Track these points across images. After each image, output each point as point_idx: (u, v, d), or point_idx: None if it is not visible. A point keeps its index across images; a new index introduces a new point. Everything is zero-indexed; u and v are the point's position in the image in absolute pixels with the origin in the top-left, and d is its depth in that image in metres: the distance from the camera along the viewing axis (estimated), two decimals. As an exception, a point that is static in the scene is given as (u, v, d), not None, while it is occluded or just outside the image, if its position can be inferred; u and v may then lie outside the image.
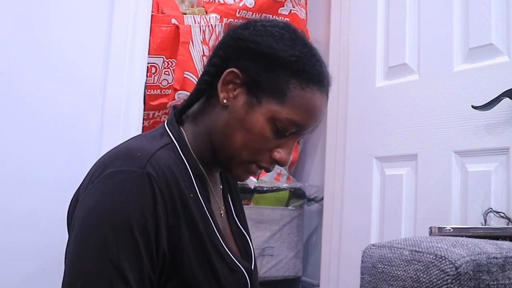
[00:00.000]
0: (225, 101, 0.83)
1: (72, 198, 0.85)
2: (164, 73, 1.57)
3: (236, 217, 0.98)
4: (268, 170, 0.87)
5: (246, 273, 0.88)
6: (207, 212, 0.82)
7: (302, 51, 0.82)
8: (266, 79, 0.81)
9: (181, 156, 0.83)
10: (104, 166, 0.76)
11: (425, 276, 0.61)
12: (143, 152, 0.77)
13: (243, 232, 0.98)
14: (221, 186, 0.97)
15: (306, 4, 2.06)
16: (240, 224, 0.98)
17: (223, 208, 0.95)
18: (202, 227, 0.79)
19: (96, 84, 1.44)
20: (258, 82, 0.81)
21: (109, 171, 0.74)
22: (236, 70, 0.82)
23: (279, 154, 0.83)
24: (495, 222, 1.15)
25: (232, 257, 0.84)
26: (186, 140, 0.87)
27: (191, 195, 0.80)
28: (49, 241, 1.30)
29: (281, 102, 0.80)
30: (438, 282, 0.60)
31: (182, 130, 0.88)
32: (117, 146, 0.85)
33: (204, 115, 0.87)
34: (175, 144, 0.84)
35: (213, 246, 0.81)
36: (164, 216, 0.74)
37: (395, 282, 0.64)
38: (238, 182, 1.06)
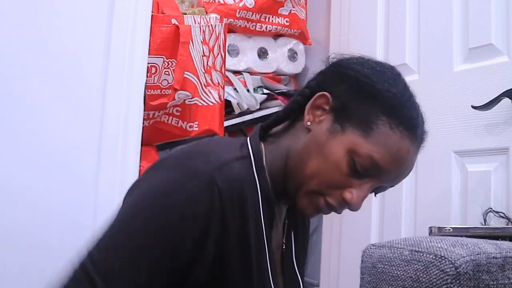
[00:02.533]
0: (308, 123, 0.79)
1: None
2: (164, 73, 1.57)
3: (295, 257, 0.92)
4: (336, 211, 0.79)
5: None
6: (265, 237, 0.78)
7: (400, 91, 0.78)
8: (356, 108, 0.76)
9: (253, 174, 0.78)
10: (177, 156, 0.76)
11: (425, 276, 0.61)
12: (218, 158, 0.74)
13: (296, 273, 0.91)
14: (285, 221, 0.90)
15: (306, 4, 2.06)
16: (297, 264, 0.92)
17: (284, 241, 0.89)
18: (254, 253, 0.75)
19: (96, 84, 1.44)
20: (346, 109, 0.77)
21: (179, 161, 0.74)
22: (327, 94, 0.78)
23: (350, 194, 0.76)
24: (495, 222, 1.15)
25: (273, 285, 0.80)
26: (264, 160, 0.81)
27: (255, 215, 0.75)
28: (49, 241, 1.30)
29: (365, 135, 0.74)
30: (438, 282, 0.60)
31: (263, 147, 0.83)
32: (195, 143, 0.83)
33: (286, 136, 0.83)
34: (251, 160, 0.79)
35: (259, 275, 0.76)
36: (216, 228, 0.70)
37: (395, 282, 0.64)
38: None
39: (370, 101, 0.76)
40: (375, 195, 0.83)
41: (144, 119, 1.55)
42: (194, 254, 0.70)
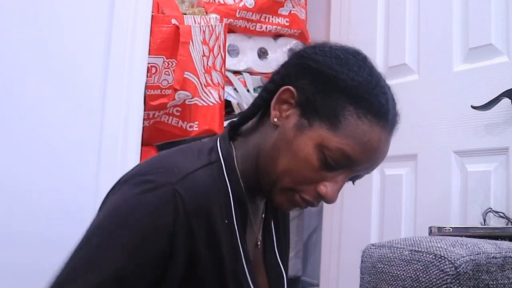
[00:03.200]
0: (275, 119, 0.77)
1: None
2: (164, 73, 1.57)
3: (277, 249, 0.92)
4: (312, 205, 0.79)
5: None
6: (239, 242, 0.77)
7: (366, 78, 0.75)
8: (321, 101, 0.74)
9: (224, 178, 0.78)
10: (141, 172, 0.76)
11: (424, 275, 0.61)
12: (181, 169, 0.73)
13: (279, 267, 0.91)
14: (263, 215, 0.90)
15: (306, 4, 2.06)
16: (280, 257, 0.92)
17: (261, 238, 0.89)
18: (227, 258, 0.75)
19: (96, 84, 1.44)
20: (312, 103, 0.75)
21: (142, 178, 0.74)
22: (292, 89, 0.77)
23: (324, 188, 0.75)
24: (495, 222, 1.15)
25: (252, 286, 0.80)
26: (235, 160, 0.81)
27: (226, 221, 0.75)
28: (50, 241, 1.30)
29: (333, 129, 0.73)
30: (438, 281, 0.60)
31: (233, 147, 0.83)
32: (161, 154, 0.84)
33: (256, 134, 0.82)
34: (221, 163, 0.78)
35: (235, 277, 0.76)
36: (183, 239, 0.70)
37: (395, 282, 0.64)
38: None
39: (335, 92, 0.74)
40: (353, 183, 0.82)
41: (144, 119, 1.55)
42: (161, 267, 0.70)
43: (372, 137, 0.74)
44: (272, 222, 0.93)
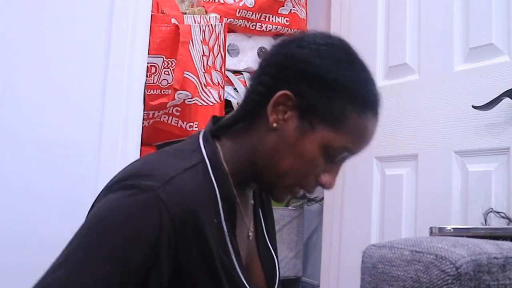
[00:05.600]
0: (275, 124, 0.78)
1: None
2: (164, 73, 1.57)
3: (267, 235, 0.94)
4: (310, 193, 0.83)
5: None
6: (228, 239, 0.78)
7: (360, 76, 0.79)
8: (323, 104, 0.76)
9: (210, 178, 0.78)
10: (124, 177, 0.75)
11: (425, 276, 0.61)
12: (163, 174, 0.73)
13: (271, 254, 0.93)
14: (252, 202, 0.91)
15: (306, 4, 2.06)
16: (270, 243, 0.94)
17: (252, 229, 0.90)
18: (217, 257, 0.75)
19: (96, 84, 1.44)
20: (313, 107, 0.77)
21: (124, 183, 0.74)
22: (289, 93, 0.77)
23: (325, 178, 0.80)
24: (496, 222, 1.15)
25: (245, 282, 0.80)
26: (222, 158, 0.82)
27: (215, 220, 0.76)
28: (50, 241, 1.30)
29: (336, 129, 0.76)
30: (439, 282, 0.60)
31: (218, 146, 0.83)
32: (144, 158, 0.84)
33: (248, 135, 0.82)
34: (206, 164, 0.79)
35: (227, 275, 0.77)
36: (167, 244, 0.70)
37: (396, 283, 0.63)
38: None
39: (335, 95, 0.77)
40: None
41: (144, 119, 1.55)
42: (145, 272, 0.69)
43: (369, 129, 0.80)
44: (260, 209, 0.95)
